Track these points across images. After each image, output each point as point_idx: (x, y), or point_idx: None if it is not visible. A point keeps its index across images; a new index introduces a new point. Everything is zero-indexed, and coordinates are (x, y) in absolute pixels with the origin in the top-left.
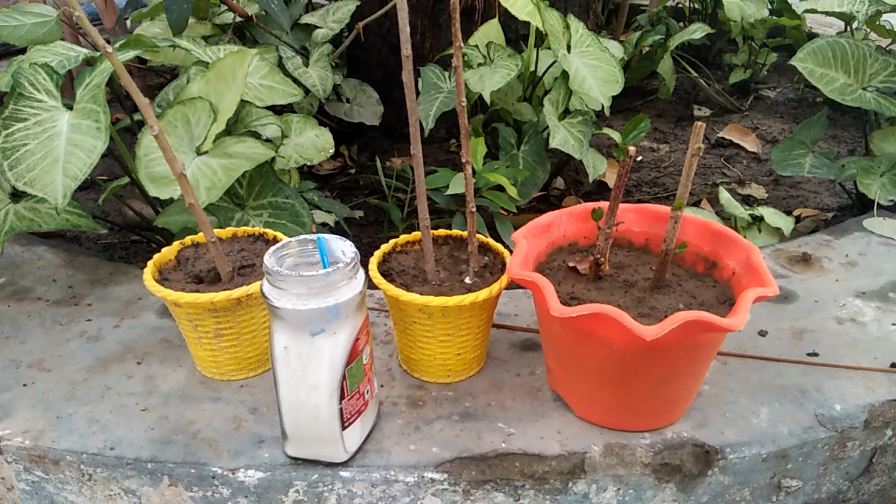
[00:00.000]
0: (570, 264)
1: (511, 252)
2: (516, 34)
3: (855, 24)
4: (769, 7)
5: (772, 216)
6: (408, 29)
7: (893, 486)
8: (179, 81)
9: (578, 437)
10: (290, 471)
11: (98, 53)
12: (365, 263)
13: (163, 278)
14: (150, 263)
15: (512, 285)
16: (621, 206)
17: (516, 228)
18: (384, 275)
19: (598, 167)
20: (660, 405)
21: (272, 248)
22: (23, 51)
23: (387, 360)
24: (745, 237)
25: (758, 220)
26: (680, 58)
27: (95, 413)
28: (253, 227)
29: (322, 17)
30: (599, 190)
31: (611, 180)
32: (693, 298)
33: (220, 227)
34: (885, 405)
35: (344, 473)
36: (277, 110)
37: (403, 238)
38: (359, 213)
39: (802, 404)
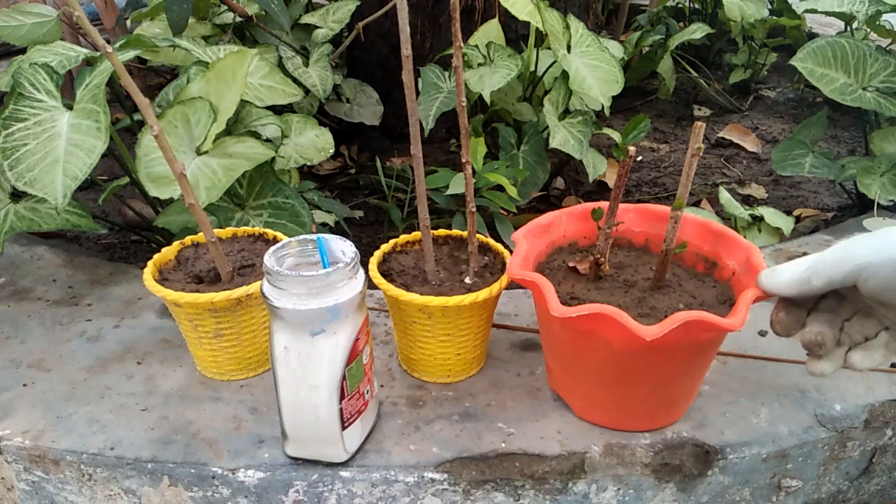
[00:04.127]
0: (570, 264)
1: (511, 252)
2: (516, 34)
3: (855, 24)
4: (769, 7)
5: (772, 216)
6: (408, 29)
7: (893, 486)
8: (179, 81)
9: (578, 437)
10: (290, 471)
11: (98, 53)
12: (365, 263)
13: (163, 278)
14: (150, 263)
15: (512, 285)
16: (621, 206)
17: (516, 228)
18: (384, 275)
19: (598, 167)
20: (660, 405)
21: (272, 248)
22: (23, 51)
23: (387, 360)
24: (745, 237)
25: (758, 220)
26: (680, 58)
27: (95, 413)
28: (253, 227)
29: (322, 17)
30: (599, 190)
31: (611, 180)
32: (693, 298)
33: (220, 227)
34: (885, 405)
35: (344, 473)
36: (277, 110)
37: (403, 238)
38: (359, 213)
39: (802, 404)
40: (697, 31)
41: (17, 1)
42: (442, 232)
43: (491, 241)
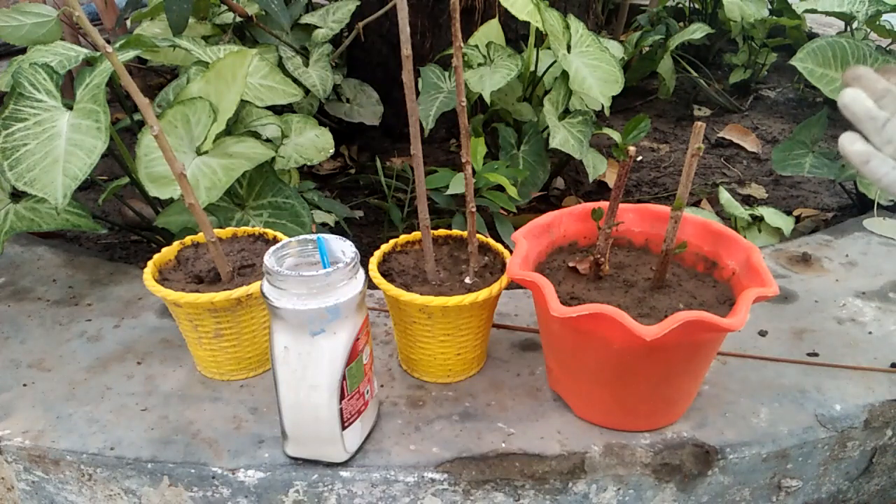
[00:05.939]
0: (570, 264)
1: (511, 252)
2: (516, 34)
3: (855, 24)
4: (769, 7)
5: (772, 216)
6: (408, 29)
7: (893, 486)
8: (179, 81)
9: (578, 437)
10: (290, 471)
11: (98, 53)
12: (365, 263)
13: (163, 278)
14: (150, 263)
15: (512, 285)
16: (621, 206)
17: (516, 228)
18: (384, 275)
19: (598, 167)
20: (660, 405)
21: (272, 248)
22: (23, 51)
23: (387, 360)
24: (745, 237)
25: (758, 220)
26: (680, 58)
27: (95, 413)
28: (253, 227)
29: (322, 17)
30: (599, 190)
31: (611, 180)
32: (693, 298)
33: (220, 227)
34: (885, 405)
35: (344, 473)
36: (277, 110)
37: (403, 238)
38: (359, 213)
39: (802, 404)
40: (697, 31)
41: (17, 1)
42: (442, 232)
43: (491, 241)
